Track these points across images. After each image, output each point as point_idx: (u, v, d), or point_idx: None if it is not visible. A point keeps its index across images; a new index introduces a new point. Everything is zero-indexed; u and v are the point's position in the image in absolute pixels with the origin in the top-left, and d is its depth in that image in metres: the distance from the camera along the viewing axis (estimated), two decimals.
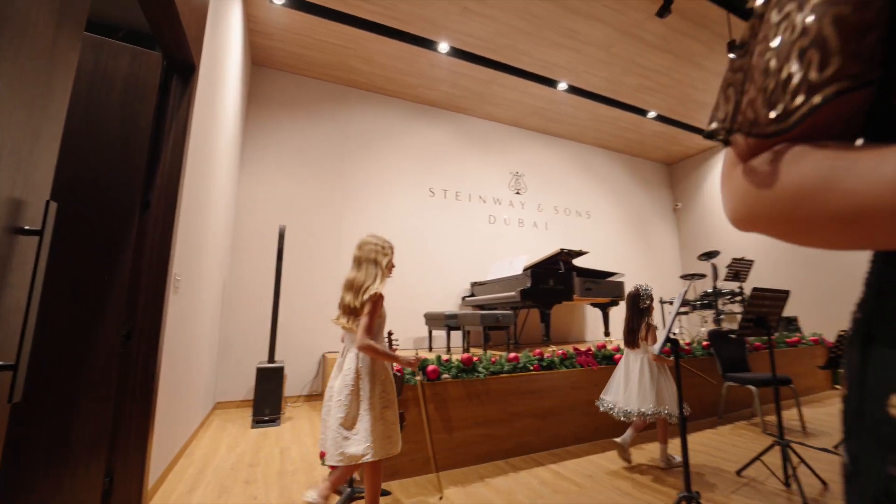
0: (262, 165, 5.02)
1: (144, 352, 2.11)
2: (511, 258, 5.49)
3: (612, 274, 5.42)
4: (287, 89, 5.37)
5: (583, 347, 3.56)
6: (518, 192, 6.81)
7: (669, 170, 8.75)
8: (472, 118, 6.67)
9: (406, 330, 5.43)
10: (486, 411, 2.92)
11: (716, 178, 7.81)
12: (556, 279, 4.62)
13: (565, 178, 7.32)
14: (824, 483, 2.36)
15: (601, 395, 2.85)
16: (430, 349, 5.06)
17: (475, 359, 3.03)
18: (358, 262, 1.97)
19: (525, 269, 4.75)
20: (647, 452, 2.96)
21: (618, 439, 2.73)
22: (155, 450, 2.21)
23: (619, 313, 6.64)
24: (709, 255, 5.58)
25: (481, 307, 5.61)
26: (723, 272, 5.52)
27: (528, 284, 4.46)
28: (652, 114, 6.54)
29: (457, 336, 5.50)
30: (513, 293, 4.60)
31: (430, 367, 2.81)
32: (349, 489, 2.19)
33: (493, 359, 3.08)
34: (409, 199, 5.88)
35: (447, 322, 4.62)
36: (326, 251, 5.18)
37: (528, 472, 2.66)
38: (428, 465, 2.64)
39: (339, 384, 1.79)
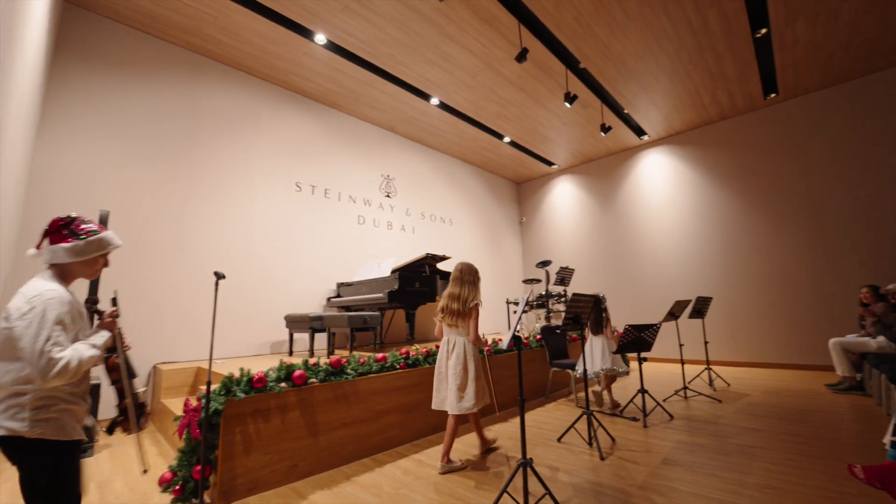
0: (75, 132, 4.00)
1: None
2: (379, 260, 5.62)
3: None
4: (122, 44, 4.40)
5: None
6: (388, 196, 6.97)
7: (518, 188, 10.14)
8: (347, 116, 6.56)
9: (261, 333, 5.02)
10: (354, 412, 2.97)
11: (553, 199, 9.40)
12: (421, 281, 4.92)
13: (432, 186, 7.80)
14: (613, 439, 3.16)
15: (575, 367, 4.08)
16: (291, 353, 4.80)
17: (344, 360, 3.06)
18: (460, 281, 2.78)
19: (393, 272, 4.93)
20: (491, 433, 3.45)
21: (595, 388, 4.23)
22: None
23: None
24: (543, 264, 6.70)
25: (348, 308, 5.57)
26: (553, 278, 6.70)
27: (396, 286, 4.65)
28: (507, 139, 7.52)
29: (321, 339, 5.36)
30: (380, 294, 4.73)
31: (297, 373, 2.73)
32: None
33: (361, 360, 3.15)
34: (274, 191, 5.45)
35: (312, 324, 4.47)
36: (164, 244, 4.42)
37: (392, 464, 2.83)
38: (290, 474, 2.56)
39: (453, 363, 2.72)
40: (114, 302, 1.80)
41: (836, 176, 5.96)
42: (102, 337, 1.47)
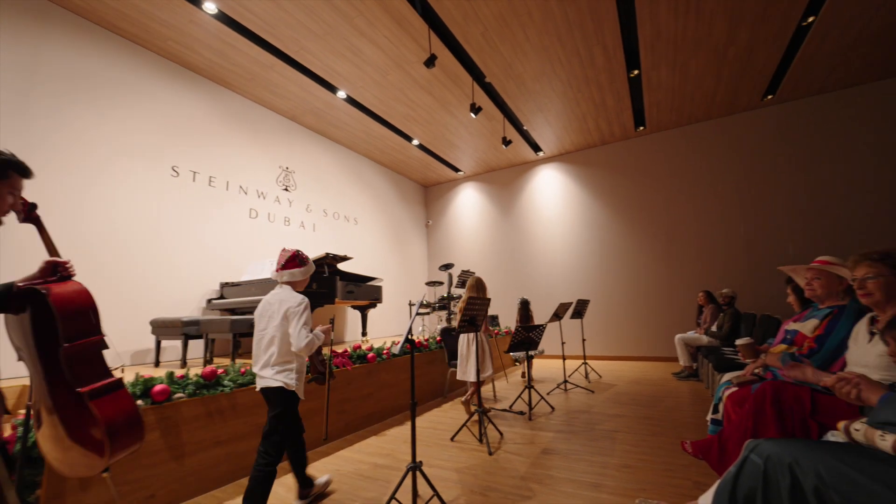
0: None
1: None
2: (273, 259, 5.17)
3: (372, 279, 5.89)
4: None
5: (340, 349, 3.74)
6: (287, 189, 6.48)
7: (425, 191, 10.26)
8: (241, 98, 5.92)
9: (121, 341, 4.24)
10: (232, 427, 2.66)
11: (460, 203, 9.71)
12: (319, 283, 4.66)
13: (337, 183, 7.47)
14: (501, 434, 3.34)
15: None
16: (158, 364, 4.14)
17: (220, 371, 2.72)
18: (476, 288, 3.92)
19: None
20: (379, 440, 3.39)
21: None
22: None
23: (376, 315, 7.28)
24: (446, 266, 6.87)
25: (233, 311, 5.01)
26: (455, 280, 6.90)
27: None
28: (415, 142, 7.56)
29: (197, 346, 4.72)
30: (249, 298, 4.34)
31: (157, 388, 2.35)
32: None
33: (243, 369, 2.84)
34: (143, 175, 4.67)
35: (186, 329, 3.93)
36: None
37: (277, 481, 2.58)
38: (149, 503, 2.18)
39: (474, 350, 3.58)
40: None
41: (687, 200, 7.21)
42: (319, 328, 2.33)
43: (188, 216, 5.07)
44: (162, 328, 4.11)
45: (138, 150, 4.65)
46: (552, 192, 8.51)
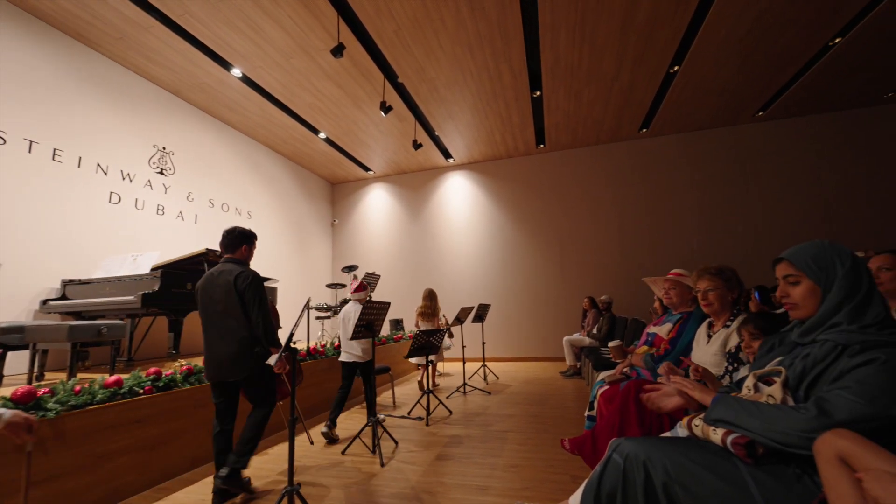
0: None
1: None
2: (137, 253, 4.38)
3: (265, 279, 5.35)
4: None
5: None
6: (163, 173, 5.59)
7: (332, 188, 9.77)
8: (107, 61, 4.96)
9: None
10: (58, 462, 2.13)
11: (368, 204, 9.42)
12: (196, 282, 4.05)
13: (228, 171, 6.68)
14: (396, 443, 3.24)
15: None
16: None
17: (43, 392, 2.17)
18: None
19: (156, 269, 3.91)
20: (259, 460, 3.06)
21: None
22: None
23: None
24: (350, 268, 6.58)
25: (78, 314, 4.13)
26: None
27: (156, 287, 3.70)
28: (322, 135, 7.14)
29: (20, 358, 3.76)
30: (131, 297, 3.67)
31: None
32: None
33: (77, 387, 2.31)
34: None
35: (3, 338, 3.11)
36: None
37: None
38: None
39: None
40: None
41: (577, 215, 7.97)
42: None
43: (16, 195, 4.04)
44: None
45: None
46: (461, 199, 8.73)
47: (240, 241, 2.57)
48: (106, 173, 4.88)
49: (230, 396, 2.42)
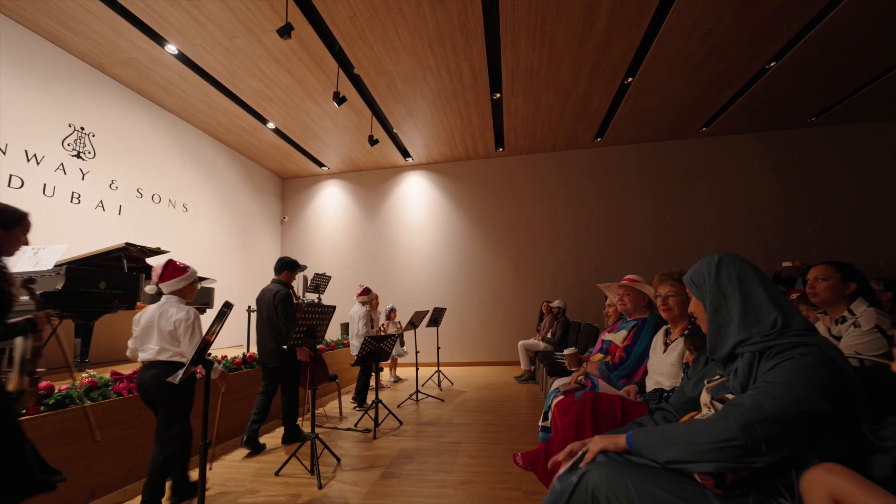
0: None
1: None
2: (40, 246, 3.77)
3: (200, 279, 4.85)
4: None
5: (129, 369, 2.85)
6: (80, 156, 4.92)
7: (282, 183, 9.21)
8: (15, 25, 4.28)
9: None
10: None
11: (321, 201, 8.96)
12: (111, 281, 3.56)
13: (160, 158, 6.04)
14: (338, 460, 2.97)
15: None
16: None
17: None
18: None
19: (60, 265, 3.37)
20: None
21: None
22: None
23: (207, 322, 6.05)
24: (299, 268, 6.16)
25: None
26: (308, 283, 6.24)
27: (60, 286, 3.18)
28: (271, 125, 6.67)
29: None
30: (25, 298, 3.11)
31: None
32: None
33: None
34: None
35: None
36: None
37: None
38: None
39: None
40: None
41: (533, 219, 8.03)
42: None
43: None
44: None
45: None
46: (418, 199, 8.54)
47: (282, 267, 3.54)
48: (4, 153, 4.20)
49: (272, 379, 3.41)
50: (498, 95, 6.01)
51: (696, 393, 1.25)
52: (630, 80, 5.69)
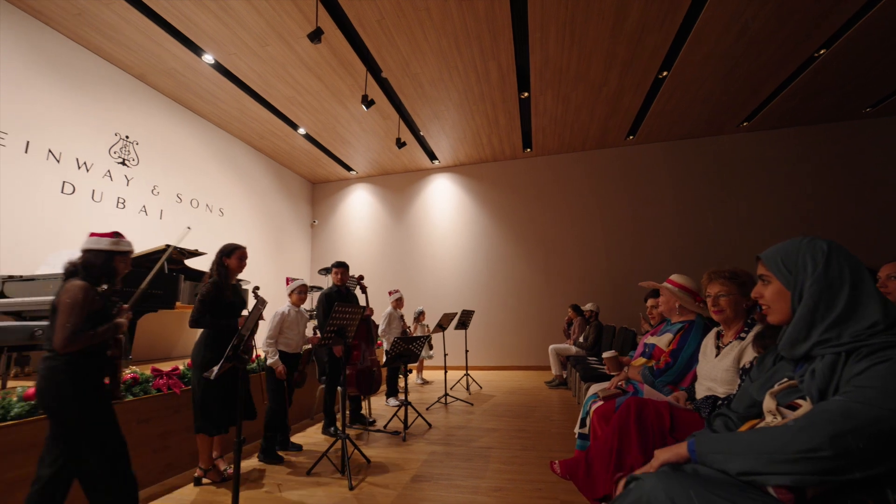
0: None
1: None
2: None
3: (241, 281, 4.98)
4: None
5: (169, 366, 2.94)
6: (125, 163, 5.18)
7: (312, 187, 9.42)
8: (62, 38, 4.56)
9: None
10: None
11: (350, 205, 9.10)
12: (154, 282, 3.69)
13: (199, 165, 6.29)
14: (368, 461, 2.95)
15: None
16: None
17: None
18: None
19: None
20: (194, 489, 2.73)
21: None
22: None
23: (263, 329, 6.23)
24: (326, 271, 6.25)
25: (19, 315, 3.69)
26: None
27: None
28: (302, 131, 6.82)
29: None
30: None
31: None
32: None
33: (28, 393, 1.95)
34: None
35: None
36: None
37: None
38: None
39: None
40: None
41: (563, 221, 7.85)
42: None
43: None
44: None
45: None
46: (445, 201, 8.52)
47: (328, 272, 4.14)
48: (58, 161, 4.46)
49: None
50: (526, 94, 5.92)
51: (762, 397, 1.13)
52: (665, 73, 5.47)
